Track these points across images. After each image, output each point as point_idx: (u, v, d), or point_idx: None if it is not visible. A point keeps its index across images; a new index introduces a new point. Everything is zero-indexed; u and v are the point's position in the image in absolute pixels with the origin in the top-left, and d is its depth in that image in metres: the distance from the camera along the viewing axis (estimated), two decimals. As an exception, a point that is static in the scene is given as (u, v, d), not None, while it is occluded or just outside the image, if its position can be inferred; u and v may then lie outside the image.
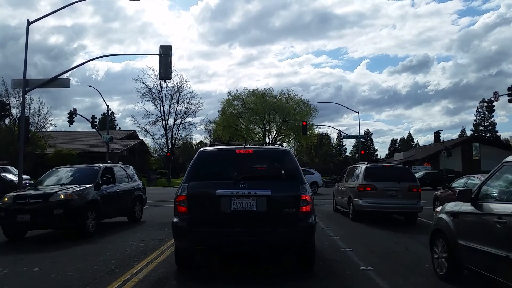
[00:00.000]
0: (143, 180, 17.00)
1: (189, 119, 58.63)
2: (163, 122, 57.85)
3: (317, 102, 63.62)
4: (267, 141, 58.23)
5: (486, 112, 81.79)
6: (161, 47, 18.73)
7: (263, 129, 61.46)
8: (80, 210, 9.16)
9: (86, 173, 10.68)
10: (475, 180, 12.53)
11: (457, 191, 5.84)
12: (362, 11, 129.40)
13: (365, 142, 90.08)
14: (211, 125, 67.16)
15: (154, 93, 56.98)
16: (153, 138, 59.71)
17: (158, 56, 18.61)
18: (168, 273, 6.06)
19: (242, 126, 62.03)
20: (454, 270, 5.43)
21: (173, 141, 59.47)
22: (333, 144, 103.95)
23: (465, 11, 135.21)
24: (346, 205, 13.29)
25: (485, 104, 79.46)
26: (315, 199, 6.76)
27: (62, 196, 9.01)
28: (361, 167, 12.86)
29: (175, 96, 57.86)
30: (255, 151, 6.47)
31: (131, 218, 12.07)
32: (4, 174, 24.57)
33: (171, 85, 56.77)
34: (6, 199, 9.19)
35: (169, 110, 58.05)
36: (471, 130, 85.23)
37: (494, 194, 5.05)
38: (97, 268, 6.31)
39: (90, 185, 9.91)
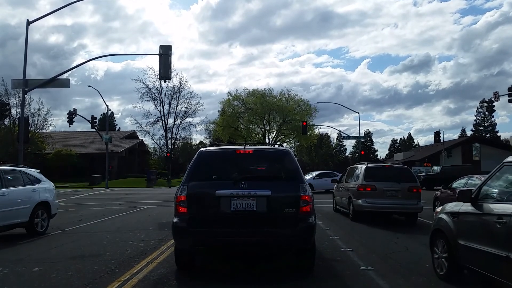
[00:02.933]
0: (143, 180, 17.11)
1: (189, 119, 58.61)
2: (163, 122, 57.81)
3: (317, 102, 63.56)
4: (267, 142, 58.24)
5: (487, 112, 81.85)
6: (161, 47, 18.76)
7: (263, 129, 61.48)
8: None
9: None
10: (475, 180, 12.53)
11: (457, 191, 5.84)
12: (363, 10, 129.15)
13: (365, 143, 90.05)
14: (211, 125, 67.26)
15: (154, 93, 56.92)
16: (152, 139, 59.69)
17: (158, 56, 18.62)
18: (168, 273, 6.06)
19: (242, 126, 62.02)
20: (454, 270, 5.43)
21: (172, 142, 59.42)
22: (333, 145, 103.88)
23: (468, 10, 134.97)
24: (346, 205, 13.29)
25: (485, 104, 79.92)
26: (315, 200, 6.75)
27: None
28: (361, 168, 12.86)
29: (175, 96, 57.84)
30: (255, 151, 6.48)
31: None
32: (4, 174, 24.59)
33: (171, 85, 56.78)
34: None
35: (169, 110, 58.02)
36: (471, 130, 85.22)
37: (494, 195, 5.05)
38: (97, 268, 6.31)
39: None
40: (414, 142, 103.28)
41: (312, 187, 19.80)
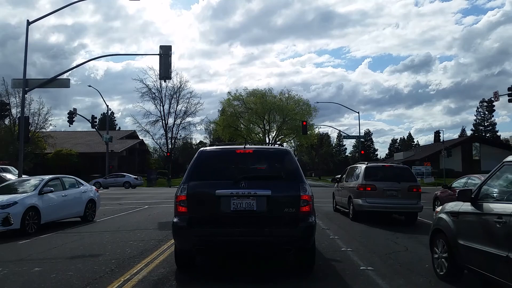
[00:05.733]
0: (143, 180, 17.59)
1: (189, 119, 58.80)
2: (163, 122, 57.97)
3: (317, 102, 63.83)
4: (267, 141, 58.23)
5: (486, 112, 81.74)
6: (161, 47, 18.74)
7: (263, 129, 61.50)
8: None
9: None
10: (476, 180, 12.52)
11: (457, 191, 5.83)
12: (365, 10, 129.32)
13: (365, 142, 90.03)
14: (211, 125, 67.35)
15: (154, 93, 57.11)
16: (153, 138, 59.83)
17: (158, 56, 18.61)
18: (168, 273, 6.06)
19: (242, 126, 62.06)
20: (454, 270, 5.43)
21: (173, 141, 59.57)
22: (333, 144, 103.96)
23: (470, 9, 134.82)
24: (346, 205, 13.28)
25: (485, 104, 79.69)
26: (315, 199, 6.75)
27: None
28: (361, 167, 12.86)
29: (175, 96, 58.03)
30: (255, 151, 6.47)
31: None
32: (4, 174, 24.60)
33: (171, 85, 56.90)
34: None
35: (169, 110, 58.20)
36: (471, 130, 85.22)
37: (494, 194, 5.05)
38: (97, 268, 6.31)
39: None
40: (414, 142, 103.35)
41: (39, 212, 10.48)
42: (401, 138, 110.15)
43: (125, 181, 38.44)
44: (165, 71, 18.72)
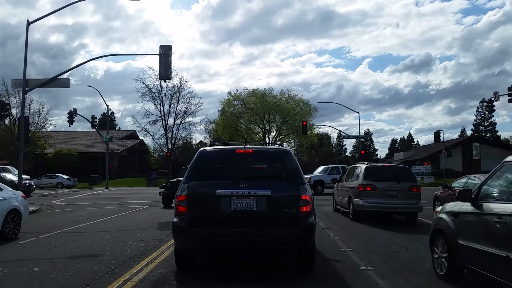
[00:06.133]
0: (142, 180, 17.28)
1: (189, 119, 58.84)
2: (163, 122, 57.95)
3: (317, 102, 63.81)
4: (267, 141, 58.23)
5: (487, 112, 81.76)
6: (161, 47, 18.74)
7: (263, 129, 61.51)
8: None
9: None
10: (476, 180, 12.52)
11: (457, 191, 5.83)
12: (365, 10, 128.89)
13: (365, 142, 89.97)
14: (211, 125, 67.34)
15: (154, 93, 57.11)
16: (153, 138, 59.81)
17: (158, 56, 18.61)
18: (168, 273, 6.06)
19: (242, 126, 62.07)
20: (454, 270, 5.43)
21: (173, 141, 59.56)
22: (333, 144, 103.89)
23: (470, 9, 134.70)
24: (346, 205, 13.29)
25: (485, 104, 79.72)
26: (315, 199, 6.74)
27: None
28: (361, 167, 12.86)
29: (175, 96, 58.05)
30: (255, 151, 6.47)
31: None
32: (4, 174, 24.63)
33: (171, 85, 56.94)
34: None
35: (169, 110, 58.22)
36: (471, 130, 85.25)
37: (494, 194, 5.05)
38: (97, 268, 6.31)
39: None
40: (414, 142, 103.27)
41: None
42: (401, 138, 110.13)
43: (58, 182, 37.93)
44: (165, 71, 18.72)
